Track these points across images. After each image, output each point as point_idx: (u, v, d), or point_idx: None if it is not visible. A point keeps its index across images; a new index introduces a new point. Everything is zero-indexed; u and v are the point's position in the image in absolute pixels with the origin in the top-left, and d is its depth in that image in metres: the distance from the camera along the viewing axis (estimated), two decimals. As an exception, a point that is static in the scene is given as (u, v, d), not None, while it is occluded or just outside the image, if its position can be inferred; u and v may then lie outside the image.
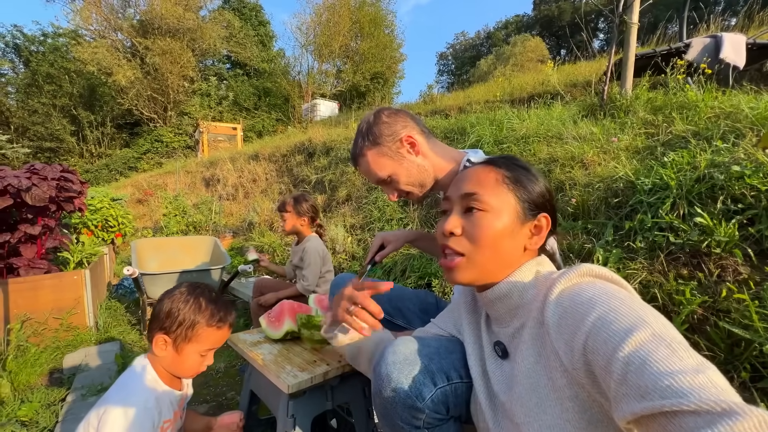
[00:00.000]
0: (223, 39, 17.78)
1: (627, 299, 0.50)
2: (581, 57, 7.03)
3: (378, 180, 1.08)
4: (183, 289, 0.99)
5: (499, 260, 0.65)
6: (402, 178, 1.06)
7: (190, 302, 0.96)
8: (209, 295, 1.01)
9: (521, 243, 0.66)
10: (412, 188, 1.08)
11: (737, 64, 3.09)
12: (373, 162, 1.05)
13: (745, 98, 2.15)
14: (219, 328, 0.99)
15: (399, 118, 1.07)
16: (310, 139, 5.90)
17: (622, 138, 2.28)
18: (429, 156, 1.07)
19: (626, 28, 2.64)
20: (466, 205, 0.67)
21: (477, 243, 0.64)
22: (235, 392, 1.93)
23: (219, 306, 1.00)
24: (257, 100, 18.92)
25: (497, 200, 0.65)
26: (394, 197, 1.11)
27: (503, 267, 0.65)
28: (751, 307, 1.21)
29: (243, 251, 4.34)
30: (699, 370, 0.39)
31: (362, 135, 1.07)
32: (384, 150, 1.05)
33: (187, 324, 0.95)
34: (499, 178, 0.67)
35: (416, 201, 1.15)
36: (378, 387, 0.66)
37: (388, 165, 1.05)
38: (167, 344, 0.96)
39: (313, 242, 2.11)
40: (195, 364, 0.99)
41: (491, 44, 34.77)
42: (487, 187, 0.66)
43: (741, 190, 1.51)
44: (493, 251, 0.64)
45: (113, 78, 15.11)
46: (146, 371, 0.98)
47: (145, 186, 9.36)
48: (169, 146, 15.86)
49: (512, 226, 0.65)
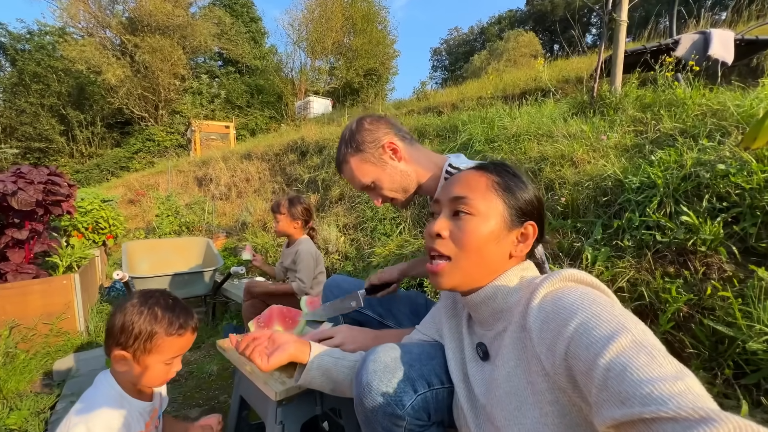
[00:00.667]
0: (214, 36, 17.57)
1: (608, 305, 0.50)
2: (573, 52, 7.06)
3: (362, 186, 1.10)
4: (135, 301, 0.94)
5: (483, 265, 0.65)
6: (385, 183, 1.08)
7: (144, 313, 0.91)
8: (165, 302, 0.96)
9: (507, 249, 0.66)
10: (395, 194, 1.10)
11: (726, 60, 3.12)
12: (356, 168, 1.07)
13: (731, 96, 2.17)
14: (180, 335, 0.95)
15: (381, 125, 1.10)
16: (303, 137, 5.87)
17: (611, 136, 2.29)
18: (411, 161, 1.10)
19: (615, 25, 2.65)
20: (454, 209, 0.67)
21: (462, 247, 0.64)
22: (228, 395, 1.93)
23: (177, 313, 0.95)
24: (250, 97, 18.76)
25: (486, 205, 0.65)
26: (379, 203, 1.13)
27: (487, 273, 0.66)
28: (735, 305, 1.23)
29: (237, 251, 4.32)
30: (678, 377, 0.40)
31: (345, 142, 1.09)
32: (367, 156, 1.07)
33: (144, 336, 0.90)
34: (489, 184, 0.68)
35: (400, 206, 1.16)
36: (359, 395, 0.67)
37: (371, 171, 1.07)
38: (126, 359, 0.92)
39: (306, 245, 2.10)
40: (161, 374, 0.96)
41: (485, 39, 34.72)
42: (477, 191, 0.67)
43: (726, 189, 1.53)
44: (478, 256, 0.64)
45: (102, 76, 14.89)
46: (109, 387, 0.94)
47: (137, 186, 9.27)
48: (161, 145, 15.70)
49: (498, 232, 0.65)
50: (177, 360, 0.99)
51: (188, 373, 2.21)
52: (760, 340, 1.15)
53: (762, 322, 1.17)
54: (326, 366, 0.82)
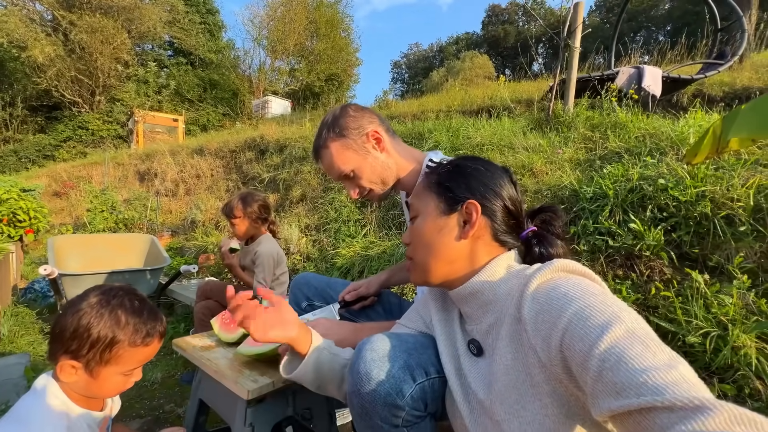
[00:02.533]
0: (165, 23, 16.42)
1: (601, 294, 0.51)
2: (523, 77, 7.62)
3: (340, 174, 1.05)
4: (93, 300, 0.77)
5: (436, 256, 0.68)
6: (365, 173, 1.04)
7: (104, 317, 0.76)
8: (130, 303, 0.80)
9: (453, 235, 0.67)
10: (374, 185, 1.06)
11: (655, 93, 3.55)
12: (336, 154, 1.02)
13: (664, 122, 2.46)
14: (146, 344, 0.80)
15: (366, 114, 1.07)
16: (262, 135, 5.65)
17: (566, 150, 2.48)
18: (393, 154, 1.08)
19: (570, 51, 2.90)
20: (410, 216, 0.76)
21: (415, 246, 0.72)
22: (174, 404, 1.76)
23: (144, 317, 0.80)
24: (202, 92, 17.70)
25: (421, 203, 0.73)
26: (355, 194, 1.08)
27: (445, 262, 0.68)
28: (677, 303, 1.37)
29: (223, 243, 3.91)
30: (671, 365, 0.41)
31: (327, 126, 1.04)
32: (349, 143, 1.02)
33: (103, 345, 0.75)
34: (425, 183, 0.74)
35: (376, 199, 1.13)
36: (356, 386, 0.63)
37: (352, 159, 1.03)
38: (76, 369, 0.76)
39: (265, 245, 1.95)
40: (116, 386, 0.82)
41: (443, 57, 36.29)
42: (416, 194, 0.75)
43: (665, 201, 1.71)
44: (427, 249, 0.69)
45: (28, 53, 13.18)
46: (51, 395, 0.78)
47: (65, 177, 8.28)
48: (95, 135, 14.19)
49: (436, 222, 0.69)
50: (138, 370, 0.84)
51: (126, 381, 1.98)
52: (696, 334, 1.29)
53: (698, 318, 1.32)
54: (322, 361, 0.75)
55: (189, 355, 1.07)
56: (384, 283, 1.26)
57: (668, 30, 23.49)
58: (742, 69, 4.32)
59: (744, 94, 4.02)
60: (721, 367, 1.21)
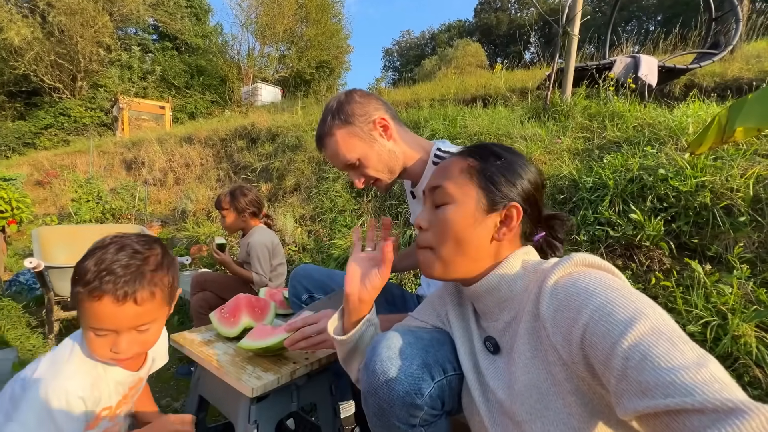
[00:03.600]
0: (149, 6, 15.81)
1: (623, 289, 0.49)
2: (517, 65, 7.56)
3: (345, 163, 1.00)
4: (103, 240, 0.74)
5: (463, 253, 0.64)
6: (372, 162, 1.00)
7: (86, 259, 0.71)
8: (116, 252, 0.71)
9: (487, 234, 0.63)
10: (380, 174, 1.02)
11: (651, 82, 3.55)
12: (342, 142, 0.98)
13: (661, 111, 2.46)
14: (94, 298, 0.68)
15: (372, 100, 1.02)
16: (252, 123, 5.51)
17: (564, 140, 2.46)
18: (399, 142, 1.04)
19: (568, 39, 2.86)
20: (433, 199, 0.67)
21: (439, 236, 0.64)
22: (171, 398, 1.73)
23: (111, 271, 0.69)
24: (189, 78, 17.21)
25: (459, 191, 0.65)
26: (361, 183, 1.04)
27: (471, 260, 0.64)
28: (677, 292, 1.38)
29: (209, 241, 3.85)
30: (701, 364, 0.39)
31: (332, 113, 0.99)
32: (355, 130, 0.98)
33: (74, 289, 0.70)
34: (464, 168, 0.66)
35: (383, 189, 1.08)
36: (373, 385, 0.60)
37: (358, 147, 0.98)
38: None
39: (257, 235, 1.93)
40: (98, 347, 0.73)
41: (435, 45, 35.84)
42: (451, 178, 0.66)
43: (665, 191, 1.71)
44: (456, 244, 0.63)
45: (3, 35, 12.58)
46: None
47: (47, 166, 8.02)
48: (78, 122, 13.75)
49: (474, 217, 0.63)
50: (117, 339, 0.72)
51: (120, 376, 1.93)
52: (697, 324, 1.30)
53: (698, 307, 1.33)
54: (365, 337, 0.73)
55: (188, 351, 1.04)
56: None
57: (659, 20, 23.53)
58: (733, 60, 4.34)
59: (735, 84, 4.05)
60: (721, 356, 1.22)
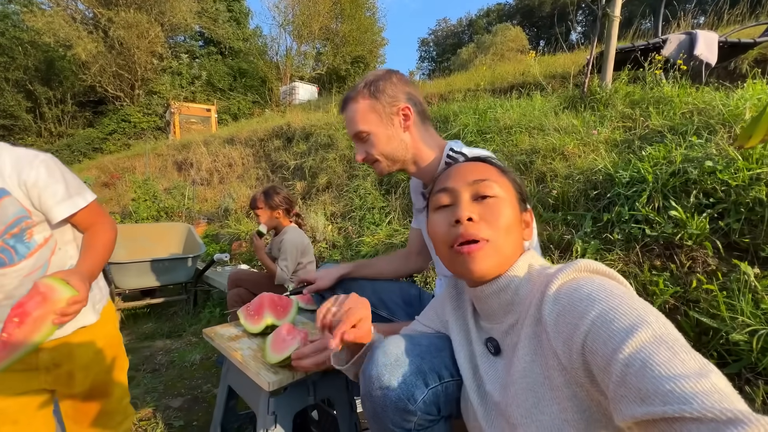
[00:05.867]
0: (195, 14, 16.78)
1: (626, 296, 0.48)
2: (560, 49, 7.12)
3: (356, 132, 1.01)
4: None
5: (512, 247, 0.64)
6: (380, 142, 1.00)
7: None
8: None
9: (522, 233, 0.67)
10: (382, 158, 1.02)
11: (710, 61, 3.20)
12: (361, 111, 0.99)
13: (718, 95, 2.23)
14: None
15: (407, 88, 1.03)
16: (288, 123, 5.72)
17: (601, 131, 2.32)
18: (415, 138, 1.03)
19: (608, 21, 2.66)
20: (475, 193, 0.65)
21: (498, 227, 0.62)
22: (212, 384, 1.88)
23: None
24: (232, 80, 18.11)
25: (503, 189, 0.66)
26: (361, 158, 1.04)
27: (514, 256, 0.64)
28: (720, 298, 1.27)
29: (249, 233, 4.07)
30: (702, 373, 0.38)
31: (366, 82, 1.01)
32: (377, 107, 0.99)
33: None
34: (498, 170, 0.69)
35: (378, 172, 1.08)
36: (368, 390, 0.63)
37: (373, 122, 0.99)
38: None
39: (291, 234, 2.05)
40: None
41: (473, 32, 34.64)
42: (493, 175, 0.68)
43: (713, 185, 1.57)
44: (509, 236, 0.63)
45: (73, 51, 14.00)
46: None
47: (112, 169, 8.86)
48: (137, 127, 15.00)
49: (518, 214, 0.66)
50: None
51: (169, 362, 2.14)
52: (742, 332, 1.19)
53: (744, 314, 1.21)
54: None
55: (217, 344, 1.13)
56: (344, 277, 1.22)
57: (728, -14, 20.95)
58: (817, 27, 3.79)
59: (818, 56, 3.55)
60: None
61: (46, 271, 0.91)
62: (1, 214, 0.81)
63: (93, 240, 0.95)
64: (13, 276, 0.85)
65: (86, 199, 0.94)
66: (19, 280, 0.86)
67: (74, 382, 0.96)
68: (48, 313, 0.74)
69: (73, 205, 0.90)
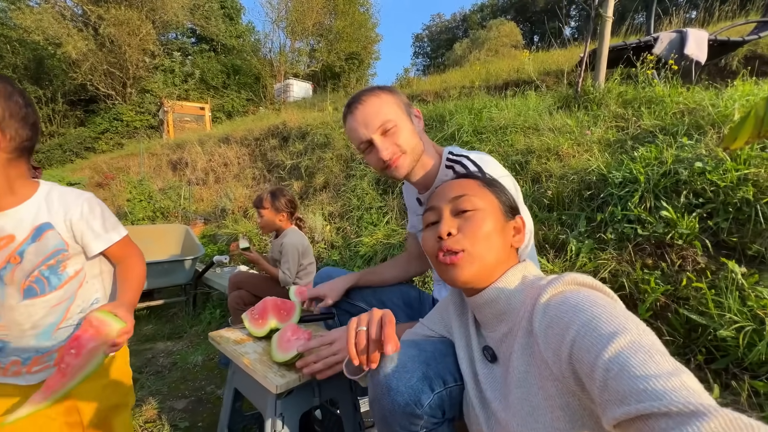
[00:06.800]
0: (187, 11, 16.57)
1: (609, 306, 0.51)
2: (554, 44, 7.15)
3: (383, 122, 0.95)
4: None
5: (495, 255, 0.67)
6: (405, 133, 0.97)
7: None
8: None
9: (508, 240, 0.70)
10: (409, 150, 0.98)
11: (699, 59, 3.25)
12: (386, 102, 0.97)
13: (708, 95, 2.27)
14: None
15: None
16: (284, 122, 5.71)
17: (594, 131, 2.36)
18: (423, 142, 1.05)
19: (601, 21, 2.70)
20: (456, 208, 0.70)
21: (474, 237, 0.66)
22: (215, 386, 1.91)
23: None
24: (226, 78, 17.94)
25: (484, 201, 0.70)
26: (388, 154, 0.96)
27: (498, 263, 0.67)
28: (708, 296, 1.32)
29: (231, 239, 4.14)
30: (673, 373, 0.41)
31: (375, 86, 1.03)
32: (399, 101, 1.00)
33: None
34: (479, 183, 0.74)
35: (400, 173, 1.01)
36: (377, 395, 0.67)
37: (398, 112, 0.98)
38: None
39: (291, 237, 2.07)
40: None
41: (467, 27, 34.57)
42: (473, 189, 0.72)
43: (702, 185, 1.61)
44: (489, 245, 0.67)
45: (62, 49, 13.78)
46: None
47: (105, 169, 8.78)
48: (130, 126, 14.83)
49: (501, 223, 0.69)
50: None
51: (171, 364, 2.16)
52: (729, 329, 1.24)
53: (732, 311, 1.26)
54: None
55: (223, 348, 1.16)
56: (350, 284, 1.23)
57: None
58: (804, 25, 3.85)
59: (805, 54, 3.62)
60: (754, 363, 1.17)
61: (71, 303, 0.96)
62: (43, 246, 0.88)
63: (128, 273, 1.03)
64: (42, 306, 0.90)
65: (120, 233, 1.02)
66: (46, 310, 0.91)
67: (76, 414, 0.97)
68: (101, 345, 0.81)
69: (109, 240, 0.99)
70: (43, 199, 0.90)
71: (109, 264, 1.06)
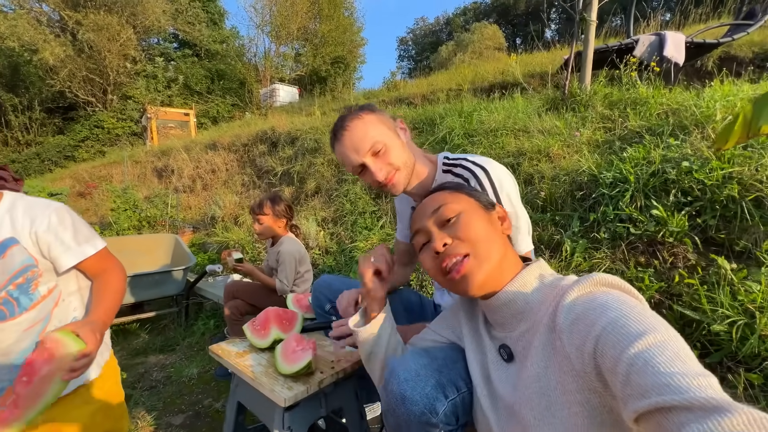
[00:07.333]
0: (169, 16, 16.31)
1: (638, 307, 0.51)
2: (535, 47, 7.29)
3: (372, 144, 0.95)
4: None
5: (497, 250, 0.67)
6: (395, 151, 0.98)
7: None
8: None
9: (499, 230, 0.73)
10: (403, 167, 0.99)
11: (678, 61, 3.37)
12: (371, 124, 0.96)
13: (689, 95, 2.35)
14: None
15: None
16: (273, 127, 5.66)
17: (583, 132, 2.41)
18: (413, 152, 1.05)
19: (585, 25, 2.77)
20: (439, 221, 0.72)
21: (471, 238, 0.67)
22: (213, 399, 1.87)
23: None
24: (210, 83, 17.69)
25: (461, 204, 0.72)
26: (382, 175, 0.96)
27: (503, 258, 0.68)
28: (701, 291, 1.36)
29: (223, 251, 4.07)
30: (700, 374, 0.41)
31: (356, 107, 1.02)
32: (383, 119, 1.00)
33: None
34: (449, 191, 0.77)
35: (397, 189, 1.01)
36: (391, 405, 0.66)
37: (385, 132, 0.97)
38: None
39: (288, 245, 2.04)
40: None
41: (450, 30, 34.98)
42: (446, 198, 0.75)
43: (690, 184, 1.66)
44: (487, 240, 0.68)
45: (39, 56, 13.38)
46: None
47: (87, 178, 8.55)
48: (111, 133, 14.48)
49: (486, 216, 0.72)
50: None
51: (166, 378, 2.11)
52: (722, 323, 1.28)
53: (724, 306, 1.30)
54: (385, 327, 0.82)
55: (226, 362, 1.14)
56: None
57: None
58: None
59: (776, 54, 3.78)
60: (748, 356, 1.21)
61: (46, 325, 0.88)
62: (8, 264, 0.80)
63: (104, 287, 0.94)
64: (12, 330, 0.83)
65: (95, 246, 0.94)
66: (18, 334, 0.83)
67: None
68: (56, 371, 0.71)
69: (81, 253, 0.90)
70: (6, 212, 0.82)
71: (87, 279, 0.98)
